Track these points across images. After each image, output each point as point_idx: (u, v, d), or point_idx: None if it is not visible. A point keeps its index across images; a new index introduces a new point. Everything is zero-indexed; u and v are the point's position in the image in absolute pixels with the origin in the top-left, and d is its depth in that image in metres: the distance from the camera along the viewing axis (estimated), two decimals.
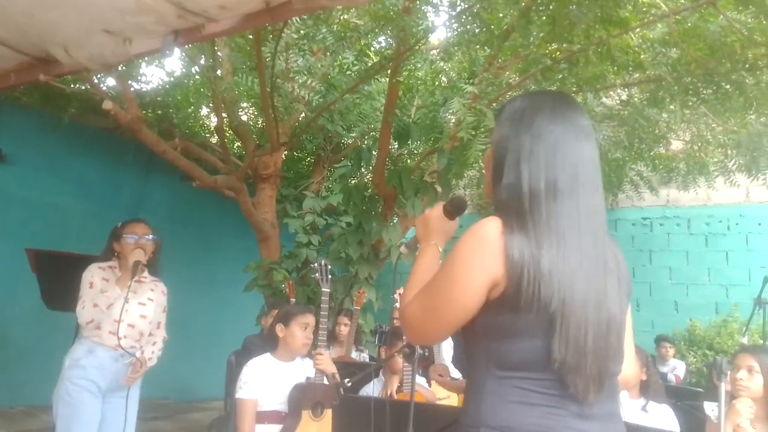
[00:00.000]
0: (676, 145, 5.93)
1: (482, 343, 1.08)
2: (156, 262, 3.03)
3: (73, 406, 2.67)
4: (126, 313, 2.75)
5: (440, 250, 1.29)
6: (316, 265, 3.26)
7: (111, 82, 5.83)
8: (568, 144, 1.12)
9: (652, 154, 5.69)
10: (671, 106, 4.51)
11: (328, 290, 3.15)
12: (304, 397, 2.74)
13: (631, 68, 4.27)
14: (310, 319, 2.87)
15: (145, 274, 2.96)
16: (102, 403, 2.79)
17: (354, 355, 4.40)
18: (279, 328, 2.88)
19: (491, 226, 1.07)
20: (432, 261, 1.25)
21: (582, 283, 1.05)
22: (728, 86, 4.06)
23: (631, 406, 2.73)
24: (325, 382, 2.81)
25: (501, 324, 1.05)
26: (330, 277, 3.20)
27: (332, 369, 2.85)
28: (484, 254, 1.05)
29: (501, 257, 1.04)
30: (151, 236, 2.92)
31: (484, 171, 1.29)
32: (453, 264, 1.08)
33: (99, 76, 5.51)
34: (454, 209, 1.32)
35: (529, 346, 1.03)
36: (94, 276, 2.82)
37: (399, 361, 3.10)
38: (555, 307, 1.02)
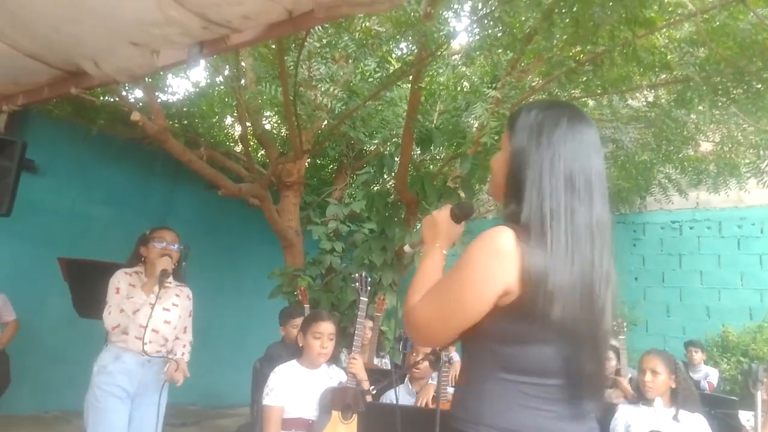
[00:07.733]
0: (706, 146, 5.79)
1: (489, 345, 1.13)
2: (180, 268, 3.09)
3: (101, 411, 2.72)
4: (151, 319, 2.80)
5: (444, 253, 1.31)
6: (356, 275, 3.36)
7: (138, 93, 5.96)
8: (583, 161, 1.17)
9: (680, 156, 5.57)
10: (700, 107, 4.41)
11: (367, 299, 3.23)
12: (336, 399, 2.77)
13: (657, 69, 4.20)
14: (322, 327, 2.84)
15: (170, 279, 2.99)
16: (131, 409, 2.83)
17: (375, 361, 4.40)
18: (300, 337, 2.93)
19: (506, 237, 1.10)
20: (438, 263, 1.28)
21: (591, 299, 1.12)
22: (759, 85, 3.96)
23: (662, 416, 2.66)
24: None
25: (515, 330, 1.10)
26: (369, 288, 3.30)
27: (363, 376, 2.88)
28: (500, 264, 1.09)
29: (517, 268, 1.08)
30: (177, 245, 3.00)
31: (491, 173, 1.32)
32: (468, 270, 1.12)
33: (127, 88, 5.64)
34: (462, 214, 1.34)
35: (539, 352, 1.10)
36: (120, 282, 2.87)
37: (424, 369, 3.08)
38: (570, 320, 1.08)
